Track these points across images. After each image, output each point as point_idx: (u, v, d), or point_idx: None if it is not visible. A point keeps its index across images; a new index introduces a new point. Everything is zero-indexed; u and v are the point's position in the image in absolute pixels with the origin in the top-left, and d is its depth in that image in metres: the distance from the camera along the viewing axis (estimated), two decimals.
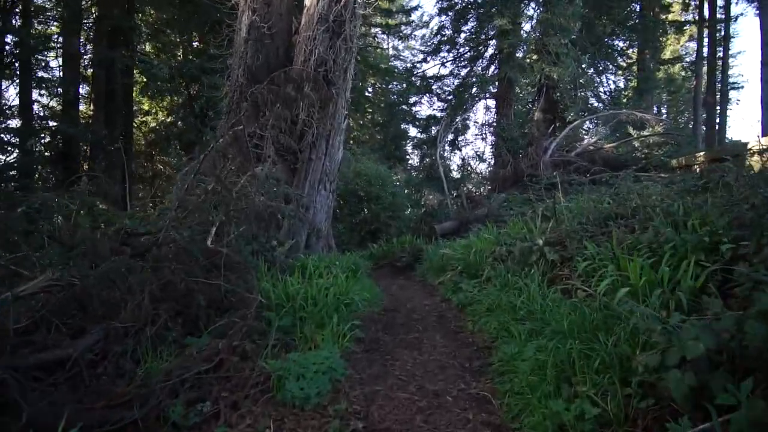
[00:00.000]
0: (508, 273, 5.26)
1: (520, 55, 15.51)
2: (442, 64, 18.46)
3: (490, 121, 17.16)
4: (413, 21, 22.56)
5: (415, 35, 22.30)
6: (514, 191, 13.52)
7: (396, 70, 21.36)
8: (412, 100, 19.67)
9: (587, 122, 14.95)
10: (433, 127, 17.88)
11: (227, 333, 3.36)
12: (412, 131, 21.13)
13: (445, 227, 12.24)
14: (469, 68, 16.40)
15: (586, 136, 14.75)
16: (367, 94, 25.62)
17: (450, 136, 16.77)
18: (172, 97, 16.41)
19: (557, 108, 15.96)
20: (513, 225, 7.21)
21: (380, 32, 24.38)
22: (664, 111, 27.99)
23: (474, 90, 16.21)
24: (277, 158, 8.32)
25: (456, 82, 16.93)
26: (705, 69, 19.40)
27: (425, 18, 24.06)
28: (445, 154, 16.83)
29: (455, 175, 16.77)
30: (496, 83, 16.50)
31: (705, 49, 19.67)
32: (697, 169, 8.86)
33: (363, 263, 8.36)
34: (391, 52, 29.89)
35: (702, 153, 11.08)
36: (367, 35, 23.59)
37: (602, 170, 12.09)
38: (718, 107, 18.79)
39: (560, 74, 14.41)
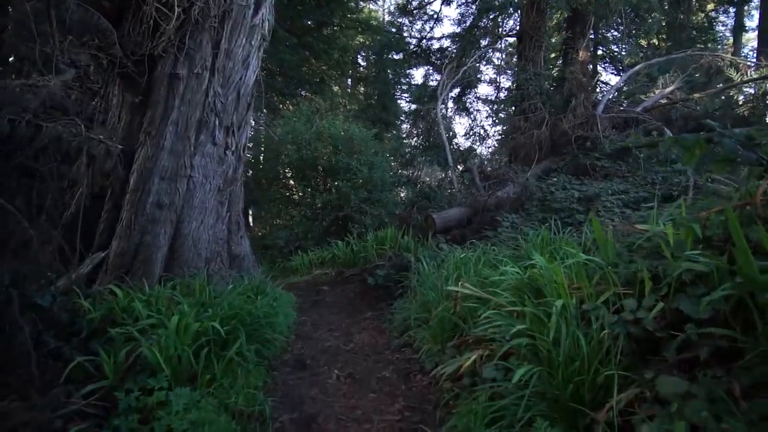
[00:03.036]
0: None
1: None
2: (446, 1, 13.79)
3: (510, 70, 12.59)
4: None
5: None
6: (548, 162, 9.16)
7: (390, 34, 16.42)
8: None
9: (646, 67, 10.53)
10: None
11: None
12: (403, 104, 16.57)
13: (448, 217, 7.89)
14: None
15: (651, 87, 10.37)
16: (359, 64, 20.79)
17: (454, 91, 12.27)
18: None
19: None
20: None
21: None
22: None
23: (490, 19, 11.61)
24: (96, 70, 3.92)
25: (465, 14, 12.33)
26: None
27: None
28: (449, 114, 12.39)
29: (462, 143, 12.37)
30: (518, 14, 11.94)
31: None
32: None
33: (282, 309, 4.04)
34: (387, 18, 24.94)
35: None
36: None
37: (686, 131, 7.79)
38: None
39: None
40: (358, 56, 20.77)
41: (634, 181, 6.17)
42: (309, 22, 15.12)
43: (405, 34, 15.74)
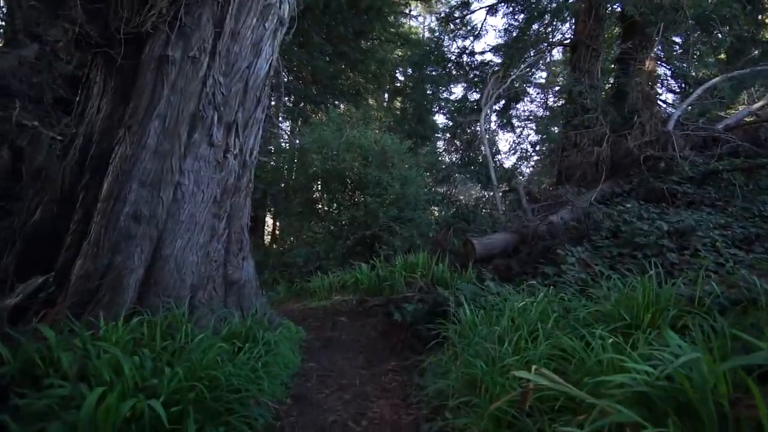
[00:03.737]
0: None
1: None
2: (491, 11, 12.87)
3: (556, 84, 11.42)
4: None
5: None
6: (609, 185, 7.90)
7: (429, 49, 15.49)
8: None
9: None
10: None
11: None
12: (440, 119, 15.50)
13: (491, 244, 6.80)
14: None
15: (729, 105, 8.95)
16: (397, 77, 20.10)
17: (498, 105, 11.21)
18: None
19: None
20: None
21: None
22: None
23: (541, 26, 10.53)
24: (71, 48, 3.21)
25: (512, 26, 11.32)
26: None
27: None
28: (492, 128, 11.30)
29: (503, 160, 11.18)
30: (571, 23, 10.82)
31: None
32: None
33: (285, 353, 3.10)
34: (427, 34, 24.31)
35: None
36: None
37: None
38: None
39: None
40: (396, 71, 20.13)
41: (734, 213, 4.89)
42: (345, 32, 14.58)
43: (445, 49, 14.92)
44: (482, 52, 15.00)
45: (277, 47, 4.17)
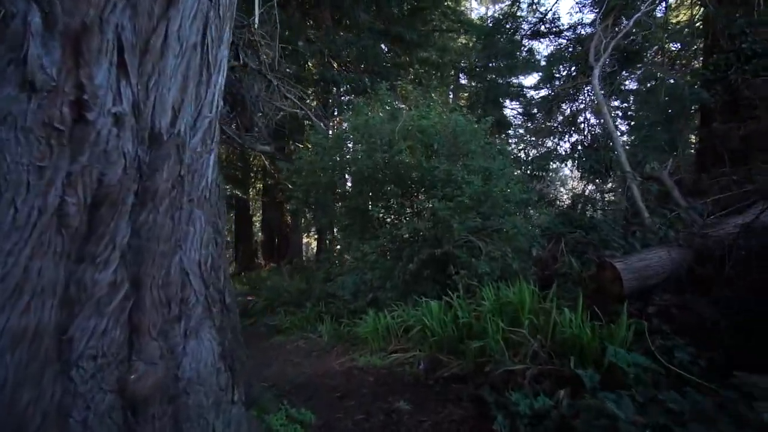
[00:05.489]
0: None
1: None
2: None
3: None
4: None
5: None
6: None
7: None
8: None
9: None
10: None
11: None
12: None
13: (645, 268, 4.04)
14: None
15: None
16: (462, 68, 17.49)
17: (605, 67, 8.15)
18: None
19: None
20: None
21: None
22: None
23: None
24: None
25: None
26: None
27: None
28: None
29: (623, 139, 7.98)
30: None
31: None
32: None
33: None
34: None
35: None
36: None
37: None
38: None
39: None
40: (461, 62, 17.42)
41: None
42: (398, 11, 12.42)
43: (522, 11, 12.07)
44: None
45: None
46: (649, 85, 7.44)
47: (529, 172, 7.97)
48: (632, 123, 7.53)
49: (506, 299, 4.26)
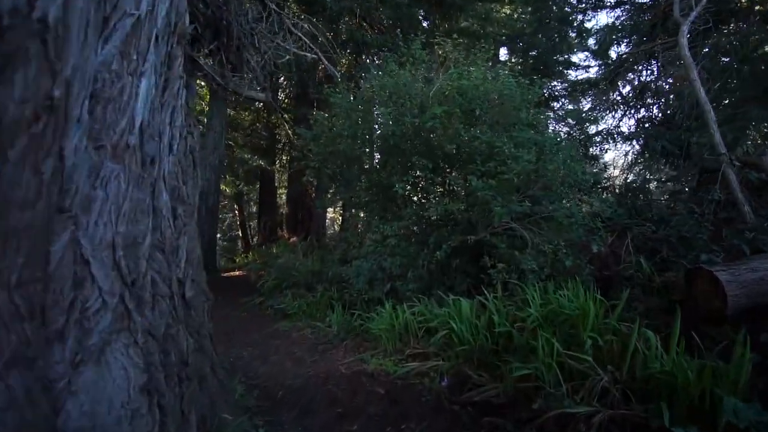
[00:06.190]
0: None
1: None
2: None
3: None
4: None
5: None
6: None
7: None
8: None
9: None
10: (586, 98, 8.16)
11: None
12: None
13: (756, 282, 2.94)
14: None
15: None
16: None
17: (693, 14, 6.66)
18: None
19: None
20: None
21: None
22: None
23: None
24: None
25: None
26: None
27: None
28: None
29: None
30: None
31: None
32: None
33: None
34: None
35: None
36: None
37: None
38: None
39: None
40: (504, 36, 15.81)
41: None
42: None
43: None
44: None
45: None
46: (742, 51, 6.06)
47: (582, 152, 6.81)
48: (724, 96, 6.15)
49: (554, 304, 3.34)
